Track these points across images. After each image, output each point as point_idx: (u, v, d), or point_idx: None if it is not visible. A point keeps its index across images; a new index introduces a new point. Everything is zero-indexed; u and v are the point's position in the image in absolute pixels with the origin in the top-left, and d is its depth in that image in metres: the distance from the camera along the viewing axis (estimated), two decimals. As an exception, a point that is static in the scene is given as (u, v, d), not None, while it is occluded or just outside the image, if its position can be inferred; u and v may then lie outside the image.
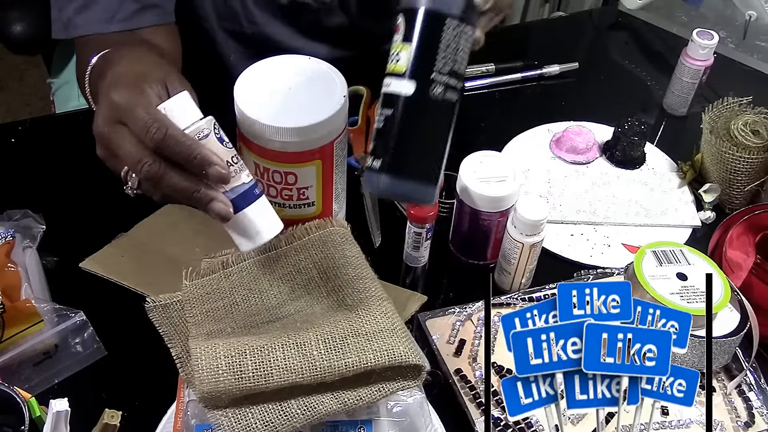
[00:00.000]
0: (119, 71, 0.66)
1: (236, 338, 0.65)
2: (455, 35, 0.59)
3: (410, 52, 0.59)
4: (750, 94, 0.99)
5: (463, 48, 0.60)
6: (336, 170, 0.80)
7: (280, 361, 0.62)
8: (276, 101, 0.75)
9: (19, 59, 2.10)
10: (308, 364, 0.62)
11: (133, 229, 0.86)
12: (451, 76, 0.59)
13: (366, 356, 0.64)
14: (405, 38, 0.59)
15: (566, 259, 0.90)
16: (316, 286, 0.72)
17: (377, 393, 0.64)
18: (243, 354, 0.62)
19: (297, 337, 0.64)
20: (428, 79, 0.59)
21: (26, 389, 0.66)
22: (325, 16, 1.05)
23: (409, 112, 0.59)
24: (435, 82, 0.59)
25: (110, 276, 0.80)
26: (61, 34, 0.86)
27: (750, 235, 0.84)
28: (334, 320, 0.67)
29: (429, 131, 0.60)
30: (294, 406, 0.62)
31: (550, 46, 1.27)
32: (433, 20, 0.59)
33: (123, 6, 0.83)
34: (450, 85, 0.60)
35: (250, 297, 0.72)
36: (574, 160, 1.02)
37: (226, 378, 0.61)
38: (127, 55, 0.71)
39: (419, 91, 0.58)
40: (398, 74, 0.59)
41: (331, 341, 0.64)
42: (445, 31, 0.59)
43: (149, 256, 0.83)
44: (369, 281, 0.72)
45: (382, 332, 0.66)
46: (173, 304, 0.71)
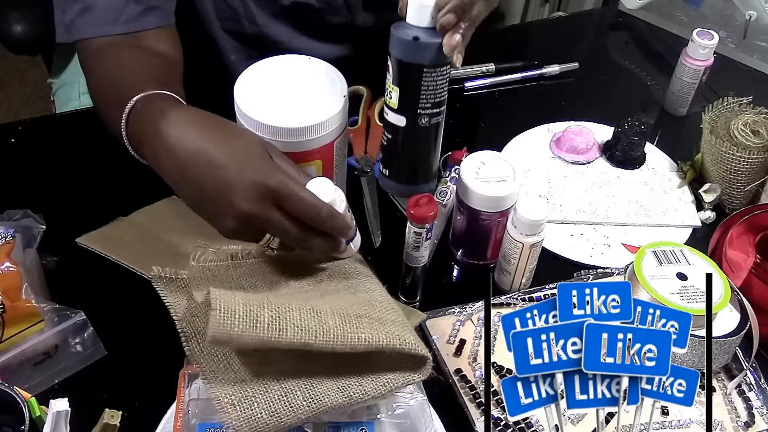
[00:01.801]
0: (233, 144, 0.67)
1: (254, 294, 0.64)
2: (433, 77, 0.73)
3: (398, 93, 0.74)
4: (750, 94, 0.99)
5: (441, 83, 0.74)
6: (336, 170, 0.80)
7: (296, 320, 0.61)
8: (276, 101, 0.75)
9: (20, 59, 2.10)
10: (322, 328, 0.62)
11: (133, 214, 0.86)
12: (433, 107, 0.75)
13: (378, 335, 0.63)
14: (394, 81, 0.74)
15: (566, 259, 0.90)
16: (327, 284, 0.72)
17: (383, 387, 0.64)
18: (261, 306, 0.61)
19: (314, 305, 0.64)
20: (415, 113, 0.75)
21: (26, 389, 0.66)
22: (327, 16, 1.05)
23: (404, 138, 0.77)
24: (421, 115, 0.75)
25: (108, 254, 0.79)
26: (64, 37, 0.86)
27: (750, 235, 0.84)
28: (348, 303, 0.67)
29: (420, 148, 0.78)
30: (299, 398, 0.62)
31: (550, 46, 1.27)
32: (413, 70, 0.72)
33: (126, 8, 0.83)
34: (433, 114, 0.75)
35: (258, 285, 0.71)
36: (574, 160, 1.02)
37: (242, 323, 0.60)
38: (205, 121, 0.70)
39: (409, 123, 0.75)
40: (393, 108, 0.75)
41: (345, 316, 0.64)
42: (424, 77, 0.72)
43: (150, 240, 0.82)
44: (379, 286, 0.72)
45: (394, 322, 0.66)
46: (178, 280, 0.70)
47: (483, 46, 1.02)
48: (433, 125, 0.76)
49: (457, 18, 0.70)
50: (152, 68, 0.81)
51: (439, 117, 0.76)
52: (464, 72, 1.12)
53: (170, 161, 0.68)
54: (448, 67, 0.73)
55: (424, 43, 0.71)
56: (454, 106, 1.08)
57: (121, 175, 0.85)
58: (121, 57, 0.82)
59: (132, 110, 0.73)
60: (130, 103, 0.73)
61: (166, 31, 0.87)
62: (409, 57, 0.72)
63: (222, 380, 0.63)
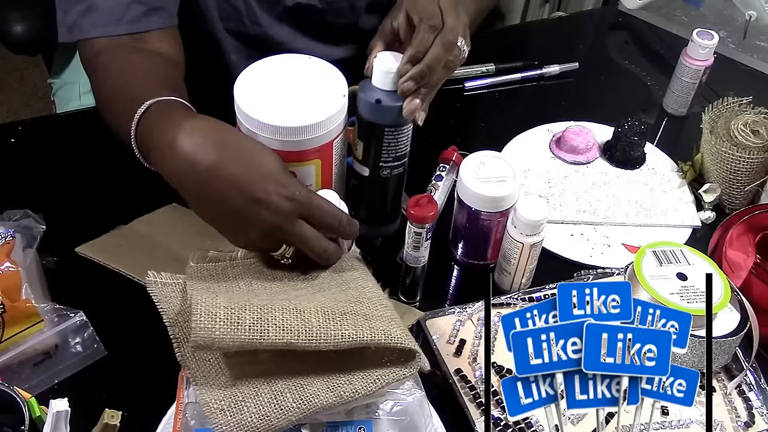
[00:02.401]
0: (253, 158, 0.68)
1: (237, 297, 0.64)
2: (394, 135, 0.78)
3: (362, 146, 0.80)
4: (750, 94, 0.99)
5: (402, 140, 0.79)
6: (335, 170, 0.80)
7: (278, 321, 0.62)
8: (276, 100, 0.75)
9: (20, 59, 2.10)
10: (305, 328, 0.62)
11: (133, 223, 0.86)
12: (395, 160, 0.80)
13: (362, 331, 0.64)
14: (359, 135, 0.79)
15: (566, 259, 0.90)
16: (321, 280, 0.73)
17: (373, 384, 0.64)
18: (242, 308, 0.62)
19: (297, 304, 0.64)
20: (377, 165, 0.80)
21: (26, 389, 0.66)
22: (330, 18, 1.05)
23: (367, 186, 0.83)
24: (382, 167, 0.81)
25: (107, 262, 0.79)
26: (66, 37, 0.86)
27: (750, 235, 0.84)
28: (336, 301, 0.67)
29: (382, 196, 0.84)
30: (289, 399, 0.62)
31: (550, 46, 1.27)
32: (376, 129, 0.78)
33: (130, 9, 0.83)
34: (395, 166, 0.81)
35: (253, 283, 0.71)
36: (574, 160, 1.02)
37: (223, 326, 0.60)
38: (223, 133, 0.70)
39: (372, 174, 0.81)
40: (358, 159, 0.81)
41: (330, 314, 0.64)
42: (386, 135, 0.78)
43: (149, 248, 0.82)
44: (372, 283, 0.72)
45: (381, 318, 0.66)
46: (173, 285, 0.70)
47: (483, 46, 1.02)
48: (394, 176, 0.82)
49: (417, 85, 0.75)
50: (157, 72, 0.81)
51: (401, 168, 0.81)
52: (464, 72, 1.12)
53: (189, 174, 0.68)
54: (410, 125, 0.79)
55: (385, 106, 0.76)
56: (454, 106, 1.09)
57: (121, 175, 0.85)
58: (125, 60, 0.82)
59: (142, 117, 0.73)
60: (140, 108, 0.73)
61: (169, 33, 0.87)
62: (372, 117, 0.77)
63: (212, 384, 0.63)
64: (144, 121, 0.73)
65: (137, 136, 0.73)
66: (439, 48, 0.75)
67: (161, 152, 0.70)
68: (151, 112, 0.73)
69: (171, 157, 0.68)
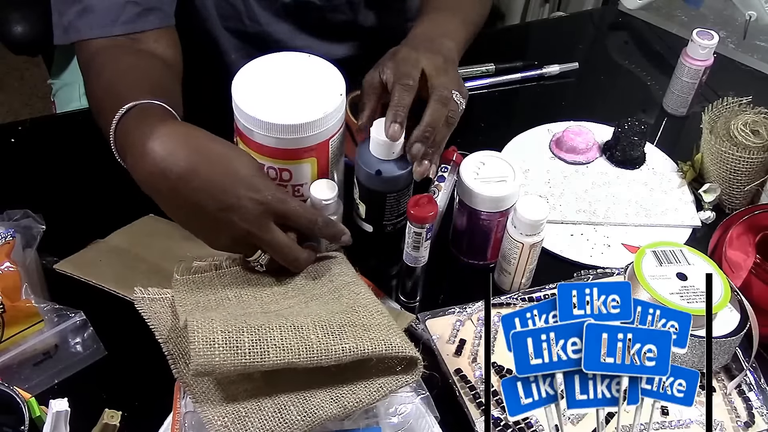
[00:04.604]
0: (226, 163, 0.67)
1: (233, 317, 0.64)
2: (396, 198, 0.81)
3: (365, 207, 0.82)
4: (750, 94, 0.99)
5: (404, 200, 0.81)
6: (332, 168, 0.80)
7: (277, 341, 0.62)
8: (273, 98, 0.75)
9: (20, 59, 2.10)
10: (305, 346, 0.62)
11: (111, 236, 0.84)
12: (397, 217, 0.83)
13: (363, 343, 0.64)
14: (361, 197, 0.82)
15: (566, 259, 0.90)
16: (312, 287, 0.72)
17: (376, 393, 0.64)
18: (240, 331, 0.61)
19: (295, 321, 0.64)
20: (381, 223, 0.83)
21: (26, 389, 0.66)
22: (329, 14, 1.05)
23: (372, 239, 0.85)
24: (385, 225, 0.83)
25: (88, 278, 0.77)
26: (62, 39, 0.85)
27: (750, 235, 0.84)
28: (331, 312, 0.67)
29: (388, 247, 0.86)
30: (293, 412, 0.62)
31: (550, 46, 1.27)
32: (377, 195, 0.81)
33: (125, 9, 0.83)
34: (398, 222, 0.84)
35: (242, 293, 0.71)
36: (574, 160, 1.02)
37: (222, 352, 0.60)
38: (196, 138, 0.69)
39: (375, 231, 0.84)
40: (361, 218, 0.84)
41: (328, 328, 0.64)
42: (387, 200, 0.81)
43: (129, 262, 0.80)
44: (364, 288, 0.72)
45: (379, 326, 0.66)
46: (162, 300, 0.70)
47: (483, 46, 1.02)
48: (398, 229, 0.84)
49: (425, 146, 0.77)
50: (150, 73, 0.80)
51: (404, 221, 0.81)
52: (464, 72, 1.12)
53: (160, 179, 0.66)
54: (411, 186, 0.81)
55: (386, 176, 0.78)
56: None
57: (121, 175, 0.85)
58: (118, 61, 0.81)
59: (121, 120, 0.72)
60: (120, 111, 0.72)
61: (165, 33, 0.87)
62: (374, 186, 0.80)
63: (213, 401, 0.63)
64: (122, 124, 0.72)
65: (116, 139, 0.73)
66: (437, 105, 0.77)
67: (134, 157, 0.68)
68: (130, 116, 0.72)
69: (143, 163, 0.67)
